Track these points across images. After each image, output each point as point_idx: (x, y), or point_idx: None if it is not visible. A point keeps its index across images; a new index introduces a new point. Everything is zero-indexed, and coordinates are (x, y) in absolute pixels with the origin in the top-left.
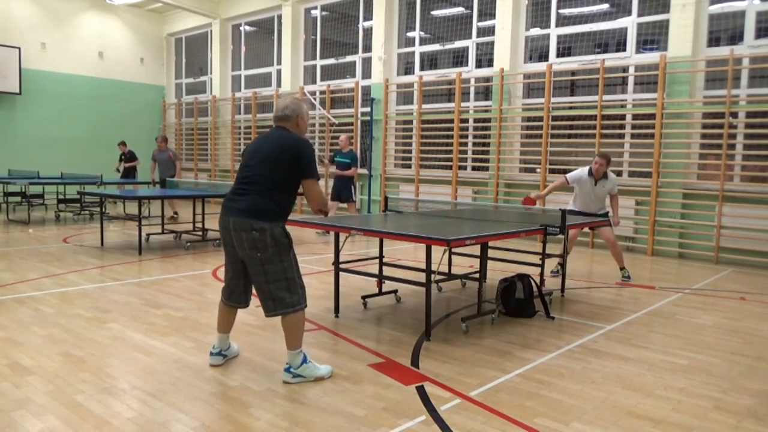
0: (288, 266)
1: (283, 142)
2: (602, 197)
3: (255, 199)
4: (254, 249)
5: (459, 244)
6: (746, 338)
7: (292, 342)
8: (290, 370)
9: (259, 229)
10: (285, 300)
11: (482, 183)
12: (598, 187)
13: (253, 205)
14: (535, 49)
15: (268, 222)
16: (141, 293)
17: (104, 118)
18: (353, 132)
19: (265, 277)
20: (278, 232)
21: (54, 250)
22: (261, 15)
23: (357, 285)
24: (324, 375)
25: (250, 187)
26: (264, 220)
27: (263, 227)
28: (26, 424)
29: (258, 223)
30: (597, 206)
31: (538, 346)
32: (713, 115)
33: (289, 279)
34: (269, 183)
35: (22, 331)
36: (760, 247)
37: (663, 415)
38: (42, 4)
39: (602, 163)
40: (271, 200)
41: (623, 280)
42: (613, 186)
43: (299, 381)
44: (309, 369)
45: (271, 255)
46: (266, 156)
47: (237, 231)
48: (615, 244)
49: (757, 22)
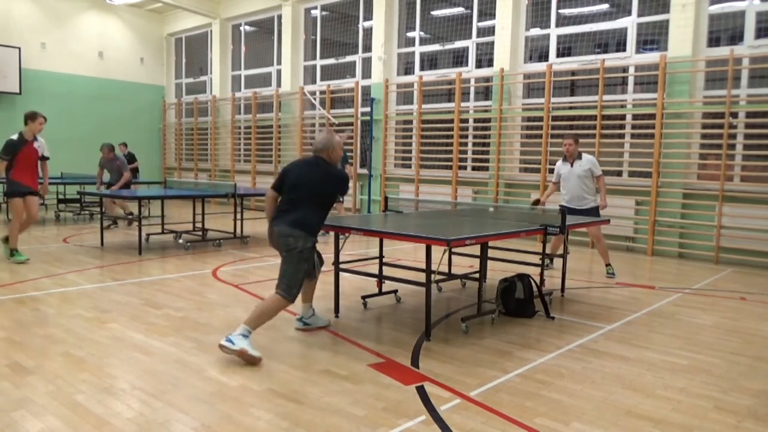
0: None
1: (327, 174)
2: (586, 181)
3: (306, 215)
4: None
5: (459, 244)
6: (746, 338)
7: (254, 320)
8: (231, 338)
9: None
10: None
11: (482, 183)
12: (575, 168)
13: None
14: (535, 49)
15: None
16: (141, 293)
17: (104, 118)
18: (353, 132)
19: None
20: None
21: (54, 250)
22: (261, 15)
23: (357, 285)
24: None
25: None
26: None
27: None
28: (26, 424)
29: (301, 231)
30: (584, 192)
31: (538, 346)
32: (713, 115)
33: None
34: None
35: (22, 331)
36: (760, 247)
37: (663, 415)
38: (42, 4)
39: (570, 142)
40: (316, 219)
41: (608, 277)
42: (592, 165)
43: (228, 348)
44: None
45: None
46: (312, 183)
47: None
48: (600, 240)
49: (757, 22)
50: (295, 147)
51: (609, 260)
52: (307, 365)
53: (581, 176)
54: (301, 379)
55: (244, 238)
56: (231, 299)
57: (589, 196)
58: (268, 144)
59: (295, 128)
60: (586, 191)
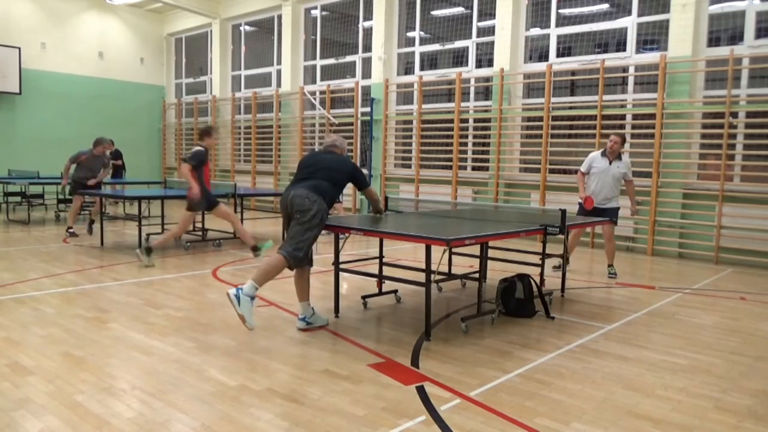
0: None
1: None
2: (617, 180)
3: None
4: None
5: (459, 244)
6: (746, 338)
7: (260, 276)
8: (237, 289)
9: (315, 200)
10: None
11: (482, 183)
12: (612, 167)
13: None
14: (535, 49)
15: (323, 200)
16: (141, 293)
17: (104, 118)
18: (353, 132)
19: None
20: (322, 210)
21: (54, 250)
22: (261, 15)
23: (357, 285)
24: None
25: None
26: (321, 196)
27: (319, 201)
28: (26, 424)
29: (316, 196)
30: (610, 191)
31: (538, 346)
32: (713, 115)
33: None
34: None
35: (22, 331)
36: (760, 247)
37: (663, 415)
38: (42, 4)
39: (617, 141)
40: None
41: (609, 277)
42: (627, 168)
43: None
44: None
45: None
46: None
47: (295, 198)
48: (612, 240)
49: (757, 22)
50: (295, 147)
51: (612, 261)
52: (307, 365)
53: (616, 177)
54: (301, 379)
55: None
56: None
57: (615, 196)
58: (268, 144)
59: (295, 128)
60: (614, 192)
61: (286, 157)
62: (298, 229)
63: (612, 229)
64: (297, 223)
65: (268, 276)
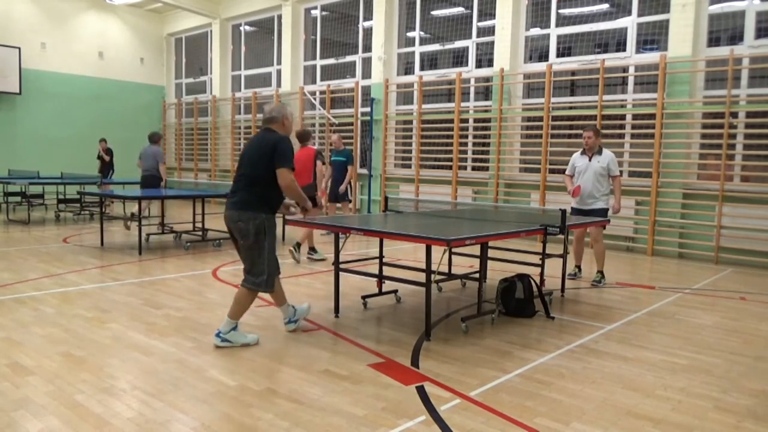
0: (262, 252)
1: (263, 142)
2: (601, 179)
3: (242, 194)
4: (240, 236)
5: (459, 244)
6: (746, 338)
7: (234, 312)
8: (219, 334)
9: (250, 218)
10: (250, 278)
11: (482, 183)
12: (593, 163)
13: (240, 199)
14: (535, 49)
15: (256, 212)
16: (141, 293)
17: (104, 118)
18: (353, 132)
19: (243, 257)
20: (260, 222)
21: (54, 250)
22: (261, 15)
23: (357, 285)
24: (250, 342)
25: (239, 183)
26: (251, 210)
27: (254, 216)
28: (26, 424)
29: (242, 214)
30: (595, 190)
31: (538, 346)
32: (713, 115)
33: (259, 263)
34: (252, 179)
35: (22, 331)
36: (760, 247)
37: (663, 415)
38: (42, 4)
39: (590, 135)
40: (255, 195)
41: (593, 284)
42: (610, 162)
43: (227, 345)
44: (236, 336)
45: (252, 242)
46: (250, 157)
47: (230, 222)
48: (599, 242)
49: (757, 22)
50: (295, 147)
51: (602, 267)
52: (307, 365)
53: (597, 172)
54: (301, 379)
55: None
56: (231, 299)
57: (599, 195)
58: None
59: (295, 128)
60: (598, 189)
61: None
62: (249, 254)
63: (599, 231)
64: (244, 247)
65: (242, 309)
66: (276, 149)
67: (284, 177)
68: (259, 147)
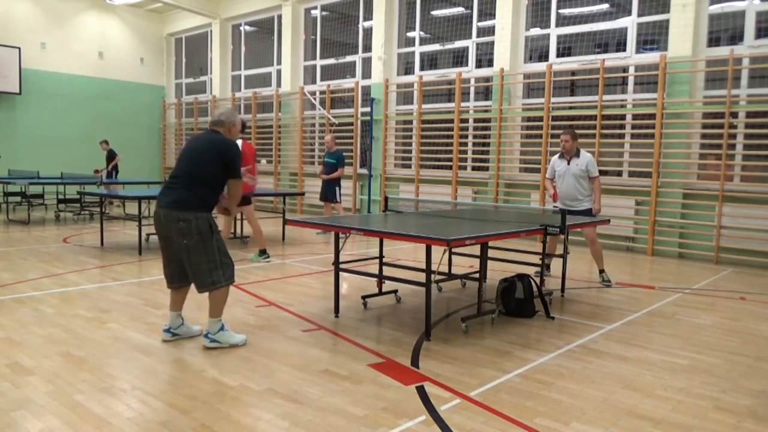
0: (212, 251)
1: (210, 143)
2: (581, 181)
3: (182, 193)
4: (181, 237)
5: (459, 244)
6: (746, 338)
7: (213, 311)
8: (208, 335)
9: (190, 219)
10: (206, 280)
11: (482, 183)
12: (572, 166)
13: (179, 198)
14: (535, 49)
15: (196, 212)
16: (141, 293)
17: (104, 118)
18: (353, 132)
19: (190, 260)
20: (203, 222)
21: (54, 250)
22: (261, 15)
23: (357, 285)
24: (238, 342)
25: (179, 181)
26: (192, 210)
27: (195, 216)
28: (26, 424)
29: (183, 214)
30: (574, 191)
31: (538, 346)
32: (713, 115)
33: (211, 261)
34: (195, 179)
35: (22, 331)
36: (760, 247)
37: (663, 415)
38: (42, 4)
39: (567, 138)
40: (196, 194)
41: (604, 284)
42: (588, 163)
43: (216, 346)
44: (225, 336)
45: (196, 242)
46: (193, 157)
47: (169, 222)
48: (595, 242)
49: (757, 22)
50: (295, 147)
51: (603, 266)
52: (307, 365)
53: (577, 175)
54: (301, 379)
55: (243, 238)
56: (231, 299)
57: (583, 197)
58: (268, 144)
59: (295, 128)
60: (580, 192)
61: (286, 157)
62: (194, 254)
63: (594, 232)
64: (187, 248)
65: (219, 306)
66: (225, 156)
67: (236, 188)
68: (207, 148)
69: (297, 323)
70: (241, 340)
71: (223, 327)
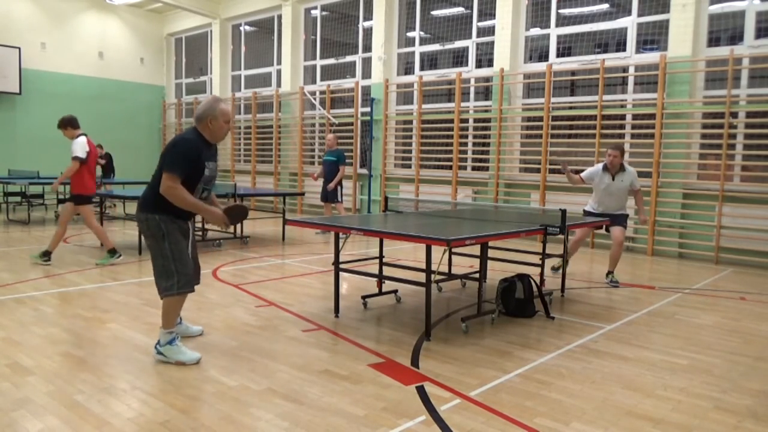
0: (165, 255)
1: (172, 140)
2: (623, 193)
3: (145, 192)
4: (144, 236)
5: (459, 244)
6: (746, 338)
7: (164, 321)
8: (156, 346)
9: (143, 219)
10: (161, 285)
11: (482, 183)
12: (616, 182)
13: (142, 197)
14: (535, 49)
15: (149, 213)
16: (141, 293)
17: (104, 118)
18: (353, 132)
19: (151, 260)
20: (153, 224)
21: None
22: (261, 15)
23: (357, 285)
24: (185, 361)
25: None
26: (145, 211)
27: (146, 217)
28: (26, 424)
29: (140, 213)
30: (616, 204)
31: (538, 346)
32: (713, 115)
33: (165, 267)
34: (155, 179)
35: (22, 331)
36: (760, 247)
37: (663, 415)
38: (42, 4)
39: (616, 154)
40: (153, 195)
41: (612, 285)
42: (633, 179)
43: (161, 359)
44: (172, 350)
45: (151, 243)
46: (161, 155)
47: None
48: (621, 246)
49: (757, 22)
50: (295, 147)
51: (614, 268)
52: (307, 365)
53: (621, 190)
54: (301, 379)
55: (243, 238)
56: (231, 299)
57: (624, 207)
58: (268, 144)
59: (295, 128)
60: (622, 202)
61: (286, 157)
62: (153, 255)
63: (623, 235)
64: (149, 247)
65: (171, 318)
66: (167, 152)
67: (162, 182)
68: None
69: (297, 323)
70: (191, 359)
71: (173, 341)
